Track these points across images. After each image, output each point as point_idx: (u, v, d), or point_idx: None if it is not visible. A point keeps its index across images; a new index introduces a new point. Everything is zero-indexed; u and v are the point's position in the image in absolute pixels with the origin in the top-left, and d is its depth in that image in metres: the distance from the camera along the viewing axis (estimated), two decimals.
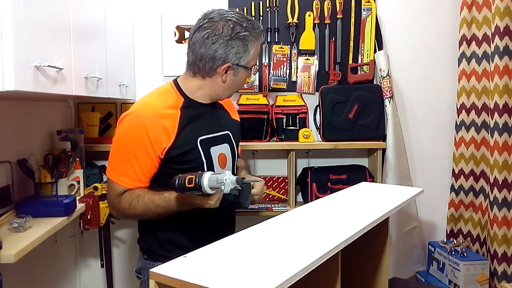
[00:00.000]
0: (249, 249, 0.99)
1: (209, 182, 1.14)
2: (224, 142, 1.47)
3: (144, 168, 1.32)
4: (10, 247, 1.25)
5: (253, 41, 1.37)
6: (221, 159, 1.44)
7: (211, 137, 1.42)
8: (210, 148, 1.40)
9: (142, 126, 1.30)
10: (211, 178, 1.14)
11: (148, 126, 1.30)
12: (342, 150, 2.45)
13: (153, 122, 1.30)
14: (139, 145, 1.30)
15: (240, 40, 1.33)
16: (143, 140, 1.29)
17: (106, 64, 1.87)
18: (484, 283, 2.29)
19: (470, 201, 2.54)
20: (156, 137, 1.30)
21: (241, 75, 1.41)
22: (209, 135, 1.41)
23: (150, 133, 1.29)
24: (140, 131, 1.30)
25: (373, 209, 1.36)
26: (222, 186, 1.13)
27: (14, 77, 1.05)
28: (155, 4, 2.43)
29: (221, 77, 1.37)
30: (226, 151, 1.47)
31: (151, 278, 0.86)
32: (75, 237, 2.37)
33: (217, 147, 1.43)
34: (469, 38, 2.46)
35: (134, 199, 1.30)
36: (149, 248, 1.44)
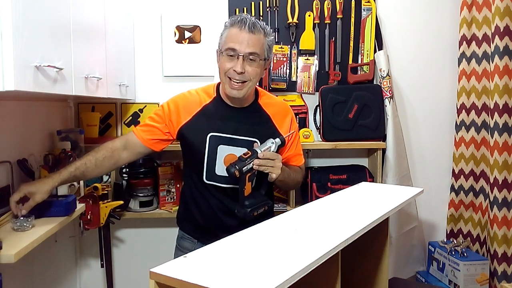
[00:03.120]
0: (249, 249, 0.99)
1: (261, 145, 1.43)
2: (243, 146, 1.51)
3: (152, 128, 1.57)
4: (10, 247, 1.25)
5: (228, 27, 1.48)
6: (229, 159, 1.48)
7: (226, 137, 1.51)
8: (219, 146, 1.51)
9: (167, 106, 1.58)
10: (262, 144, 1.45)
11: (172, 105, 1.57)
12: (342, 150, 2.46)
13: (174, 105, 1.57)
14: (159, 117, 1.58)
15: (222, 30, 1.52)
16: (169, 111, 1.56)
17: (106, 64, 1.87)
18: (484, 283, 2.29)
19: (470, 201, 2.54)
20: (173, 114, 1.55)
21: (220, 59, 1.51)
22: (223, 134, 1.52)
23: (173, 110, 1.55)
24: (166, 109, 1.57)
25: (373, 209, 1.36)
26: (272, 145, 1.42)
27: (14, 77, 1.05)
28: (155, 4, 2.43)
29: None
30: (239, 154, 1.49)
31: (151, 278, 0.86)
32: (75, 237, 2.37)
33: (229, 147, 1.51)
34: (469, 38, 2.47)
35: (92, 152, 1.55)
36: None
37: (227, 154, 1.51)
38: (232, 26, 1.46)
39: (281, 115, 1.63)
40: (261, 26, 1.47)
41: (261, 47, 1.47)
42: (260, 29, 1.46)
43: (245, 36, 1.43)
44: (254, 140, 1.52)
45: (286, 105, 1.71)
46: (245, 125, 1.54)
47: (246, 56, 1.44)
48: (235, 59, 1.44)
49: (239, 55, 1.44)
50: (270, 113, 1.60)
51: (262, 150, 1.40)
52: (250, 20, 1.45)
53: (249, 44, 1.44)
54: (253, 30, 1.44)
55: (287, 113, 1.66)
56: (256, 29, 1.45)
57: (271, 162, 1.41)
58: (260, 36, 1.46)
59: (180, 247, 1.68)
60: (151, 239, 2.48)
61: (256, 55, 1.46)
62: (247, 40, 1.43)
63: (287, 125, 1.64)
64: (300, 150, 1.71)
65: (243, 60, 1.44)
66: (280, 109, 1.65)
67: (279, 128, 1.60)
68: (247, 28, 1.43)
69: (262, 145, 1.43)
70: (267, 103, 1.62)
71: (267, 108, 1.61)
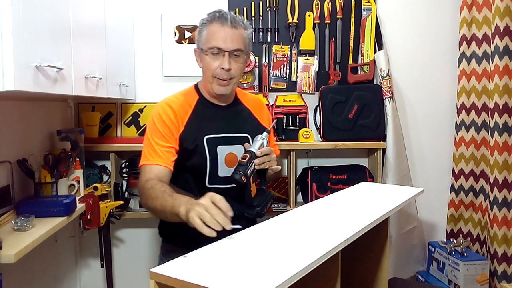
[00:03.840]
0: (249, 249, 0.99)
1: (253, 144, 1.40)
2: (239, 143, 1.51)
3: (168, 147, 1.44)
4: (10, 247, 1.25)
5: (206, 24, 1.45)
6: (229, 158, 1.49)
7: (221, 137, 1.50)
8: (217, 147, 1.49)
9: (159, 116, 1.46)
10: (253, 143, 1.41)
11: (163, 114, 1.46)
12: (342, 150, 2.46)
13: (168, 112, 1.47)
14: (163, 129, 1.45)
15: (199, 26, 1.48)
16: (164, 126, 1.45)
17: (106, 64, 1.87)
18: (484, 283, 2.29)
19: (470, 201, 2.54)
20: (172, 123, 1.46)
21: (203, 59, 1.47)
22: (218, 135, 1.50)
23: (167, 120, 1.45)
24: (160, 119, 1.46)
25: (373, 209, 1.36)
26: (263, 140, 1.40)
27: (14, 77, 1.05)
28: (155, 4, 2.43)
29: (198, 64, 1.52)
30: (238, 152, 1.50)
31: (151, 278, 0.86)
32: (75, 237, 2.37)
33: (226, 146, 1.50)
34: (469, 38, 2.47)
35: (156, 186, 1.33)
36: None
37: (226, 153, 1.50)
38: (212, 23, 1.43)
39: (258, 108, 1.66)
40: (240, 20, 1.45)
41: (243, 42, 1.45)
42: (240, 23, 1.44)
43: (228, 32, 1.41)
44: (246, 136, 1.54)
45: (259, 97, 1.79)
46: (234, 121, 1.55)
47: (231, 53, 1.42)
48: (221, 57, 1.42)
49: (225, 53, 1.42)
50: (249, 107, 1.62)
51: (257, 149, 1.39)
52: (230, 15, 1.42)
53: (233, 40, 1.42)
54: (235, 25, 1.42)
55: (262, 104, 1.71)
56: (237, 23, 1.43)
57: (268, 157, 1.40)
58: (241, 30, 1.44)
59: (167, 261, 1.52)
60: (151, 239, 2.48)
61: (241, 51, 1.44)
62: (231, 37, 1.41)
63: (266, 116, 1.68)
64: (275, 140, 1.76)
65: (229, 56, 1.42)
66: (256, 102, 1.68)
67: (260, 120, 1.63)
68: (229, 24, 1.41)
69: (254, 143, 1.42)
70: (244, 98, 1.64)
71: (246, 102, 1.62)
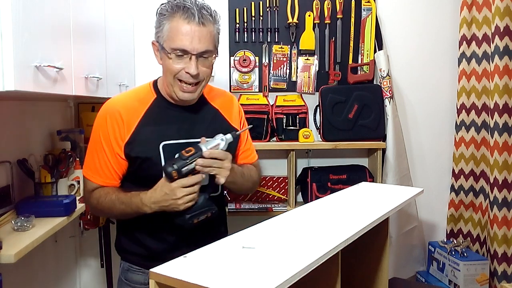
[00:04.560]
0: (249, 249, 0.99)
1: (207, 142, 1.19)
2: None
3: (113, 164, 1.27)
4: (10, 247, 1.25)
5: (168, 16, 1.21)
6: None
7: (181, 143, 1.27)
8: (176, 154, 1.24)
9: (103, 120, 1.28)
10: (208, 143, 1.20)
11: (108, 119, 1.27)
12: (342, 150, 2.46)
13: (114, 115, 1.26)
14: (105, 139, 1.27)
15: (159, 15, 1.24)
16: (106, 134, 1.27)
17: (106, 64, 1.87)
18: (484, 283, 2.29)
19: (470, 201, 2.54)
20: (115, 131, 1.26)
21: (164, 59, 1.24)
22: (177, 141, 1.28)
23: (110, 126, 1.26)
24: (104, 125, 1.27)
25: (373, 209, 1.36)
26: (221, 142, 1.21)
27: (14, 77, 1.05)
28: (155, 4, 2.41)
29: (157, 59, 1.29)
30: None
31: (151, 278, 0.86)
32: (75, 237, 2.37)
33: None
34: (469, 38, 2.47)
35: (102, 195, 1.27)
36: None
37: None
38: (175, 16, 1.19)
39: (227, 106, 1.43)
40: (208, 12, 1.22)
41: (213, 41, 1.23)
42: (209, 17, 1.21)
43: (195, 31, 1.18)
44: None
45: (228, 93, 1.51)
46: (198, 124, 1.33)
47: (199, 55, 1.21)
48: (186, 60, 1.20)
49: (191, 56, 1.20)
50: (217, 106, 1.40)
51: (208, 148, 1.19)
52: (196, 7, 1.19)
53: (201, 40, 1.19)
54: (203, 21, 1.19)
55: (232, 101, 1.46)
56: (206, 19, 1.20)
57: (219, 162, 1.19)
58: (210, 26, 1.21)
59: (127, 281, 1.38)
60: None
61: (210, 52, 1.23)
62: (198, 36, 1.19)
63: (236, 115, 1.45)
64: (251, 144, 1.50)
65: (196, 59, 1.20)
66: (225, 99, 1.45)
67: (229, 120, 1.41)
68: (196, 20, 1.18)
69: (210, 142, 1.22)
70: (211, 94, 1.40)
71: (212, 100, 1.40)
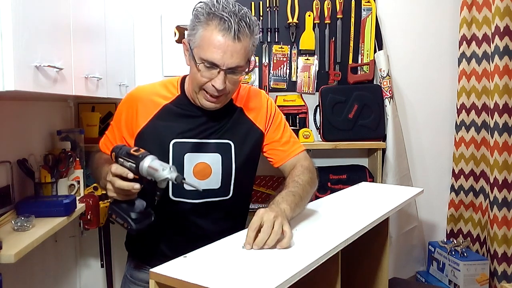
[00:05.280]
0: (249, 249, 0.99)
1: (151, 161, 1.01)
2: (216, 151, 1.25)
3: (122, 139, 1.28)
4: (10, 247, 1.25)
5: (203, 23, 1.11)
6: (200, 169, 1.23)
7: (191, 143, 1.23)
8: (185, 154, 1.22)
9: (123, 105, 1.29)
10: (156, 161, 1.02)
11: (126, 106, 1.28)
12: (342, 150, 2.45)
13: (132, 104, 1.26)
14: (116, 122, 1.29)
15: (194, 18, 1.14)
16: (119, 119, 1.28)
17: (106, 64, 1.87)
18: (484, 283, 2.29)
19: (470, 201, 2.54)
20: (127, 120, 1.26)
21: (192, 66, 1.17)
22: (188, 140, 1.23)
23: (124, 114, 1.27)
24: (121, 110, 1.29)
25: (373, 209, 1.36)
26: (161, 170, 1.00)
27: (14, 77, 1.05)
28: (155, 4, 2.43)
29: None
30: (213, 161, 1.24)
31: (151, 278, 0.86)
32: (75, 237, 2.37)
33: (197, 154, 1.23)
34: (469, 38, 2.46)
35: (97, 158, 1.30)
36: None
37: (196, 163, 1.22)
38: (210, 25, 1.11)
39: (252, 103, 1.33)
40: (247, 24, 1.12)
41: (246, 56, 1.15)
42: (246, 31, 1.12)
43: (229, 45, 1.10)
44: (228, 143, 1.26)
45: (254, 88, 1.39)
46: (215, 124, 1.26)
47: (228, 70, 1.13)
48: (215, 72, 1.13)
49: (220, 70, 1.13)
50: (241, 104, 1.31)
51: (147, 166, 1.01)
52: (234, 23, 1.09)
53: (233, 55, 1.11)
54: (240, 36, 1.10)
55: (258, 96, 1.35)
56: (243, 33, 1.11)
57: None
58: (246, 41, 1.13)
59: (133, 279, 1.35)
60: None
61: (241, 67, 1.15)
62: (231, 51, 1.11)
63: (264, 111, 1.33)
64: (290, 135, 1.37)
65: (225, 74, 1.13)
66: (250, 96, 1.34)
67: (254, 120, 1.31)
68: (232, 35, 1.09)
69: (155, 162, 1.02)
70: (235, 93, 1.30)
71: (237, 98, 1.31)
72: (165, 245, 1.29)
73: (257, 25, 1.16)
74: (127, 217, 1.08)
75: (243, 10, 1.13)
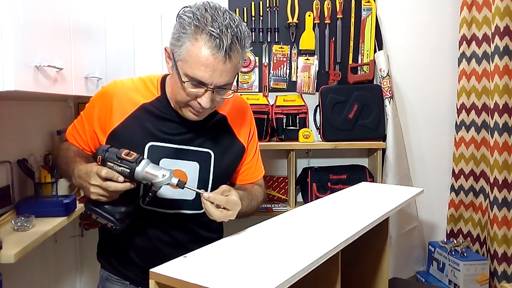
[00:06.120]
0: (249, 249, 0.99)
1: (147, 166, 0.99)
2: (195, 159, 1.17)
3: (88, 139, 1.20)
4: (10, 247, 1.25)
5: (190, 35, 1.01)
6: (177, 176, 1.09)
7: (169, 148, 1.15)
8: (161, 160, 1.14)
9: (97, 98, 1.20)
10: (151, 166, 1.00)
11: (100, 101, 1.19)
12: (342, 150, 2.45)
13: (106, 100, 1.17)
14: (88, 115, 1.20)
15: (179, 27, 1.04)
16: (91, 113, 1.19)
17: (106, 64, 1.87)
18: (484, 283, 2.29)
19: (470, 201, 2.54)
20: (100, 116, 1.16)
21: (176, 80, 1.07)
22: (166, 144, 1.15)
23: (97, 108, 1.18)
24: (94, 103, 1.20)
25: (373, 209, 1.36)
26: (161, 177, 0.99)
27: (14, 77, 1.05)
28: (155, 4, 2.43)
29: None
30: (190, 170, 1.17)
31: (151, 278, 0.86)
32: (75, 237, 2.37)
33: (174, 161, 1.15)
34: (469, 38, 2.47)
35: (65, 149, 1.21)
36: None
37: (172, 170, 1.06)
38: (198, 40, 1.00)
39: (237, 113, 1.26)
40: (239, 39, 1.01)
41: (235, 72, 1.07)
42: (238, 48, 1.02)
43: (219, 64, 1.00)
44: (208, 151, 1.18)
45: (241, 98, 1.32)
46: (196, 131, 1.17)
47: (216, 88, 1.05)
48: (201, 90, 1.05)
49: (208, 89, 1.04)
50: (224, 113, 1.23)
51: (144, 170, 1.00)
52: (226, 40, 0.99)
53: (223, 75, 1.02)
54: (231, 54, 1.00)
55: (243, 108, 1.28)
56: (234, 51, 1.01)
57: (226, 211, 1.03)
58: (237, 58, 1.03)
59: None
60: None
61: (229, 85, 1.07)
62: (221, 70, 1.01)
63: (247, 126, 1.28)
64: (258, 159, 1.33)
65: (212, 92, 1.05)
66: (236, 105, 1.26)
67: (236, 132, 1.25)
68: (222, 54, 0.99)
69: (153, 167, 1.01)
70: None
71: (220, 108, 1.21)
72: (135, 253, 1.22)
73: (248, 36, 1.06)
74: (111, 218, 1.04)
75: (235, 22, 1.02)
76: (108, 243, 1.27)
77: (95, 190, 0.99)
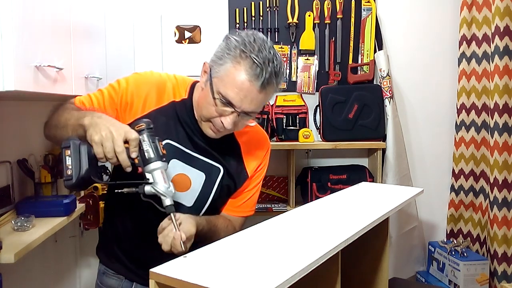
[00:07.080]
0: (249, 249, 0.99)
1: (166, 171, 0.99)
2: (203, 170, 1.20)
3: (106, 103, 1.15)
4: (10, 247, 1.25)
5: (234, 57, 1.05)
6: (181, 179, 1.17)
7: (183, 151, 1.17)
8: (172, 159, 1.16)
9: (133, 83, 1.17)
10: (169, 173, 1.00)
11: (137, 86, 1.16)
12: (342, 150, 2.46)
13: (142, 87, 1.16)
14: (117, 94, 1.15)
15: (225, 45, 1.09)
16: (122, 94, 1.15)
17: (106, 64, 1.87)
18: (484, 283, 2.29)
19: (470, 201, 2.54)
20: (133, 100, 1.15)
21: (207, 95, 1.10)
22: (181, 146, 1.17)
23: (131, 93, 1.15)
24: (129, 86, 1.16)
25: (373, 209, 1.36)
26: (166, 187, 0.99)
27: (14, 77, 1.05)
28: (155, 4, 2.43)
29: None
30: (195, 178, 1.19)
31: (151, 278, 0.86)
32: (75, 237, 2.37)
33: (182, 164, 1.17)
34: (469, 38, 2.47)
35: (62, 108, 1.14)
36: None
37: (178, 173, 1.16)
38: (240, 64, 1.05)
39: (253, 145, 1.29)
40: (277, 75, 1.08)
41: (263, 103, 1.13)
42: (273, 82, 1.08)
43: (253, 91, 1.05)
44: (218, 167, 1.21)
45: (264, 134, 1.34)
46: (209, 145, 1.20)
47: (242, 113, 1.09)
48: (228, 111, 1.08)
49: (235, 111, 1.08)
50: (241, 142, 1.27)
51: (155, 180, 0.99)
52: (266, 71, 1.04)
53: (253, 102, 1.07)
54: (266, 87, 1.06)
55: (263, 144, 1.31)
56: (270, 84, 1.07)
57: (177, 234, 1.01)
58: (270, 92, 1.09)
59: (102, 285, 1.32)
60: None
61: (254, 113, 1.12)
62: (252, 98, 1.06)
63: (258, 161, 1.30)
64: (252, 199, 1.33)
65: (238, 116, 1.09)
66: (255, 138, 1.30)
67: (245, 163, 1.27)
68: (259, 84, 1.04)
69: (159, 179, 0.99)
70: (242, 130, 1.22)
71: (240, 135, 1.26)
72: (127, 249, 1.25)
73: (283, 76, 1.13)
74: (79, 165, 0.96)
75: (277, 59, 1.08)
76: (111, 240, 1.30)
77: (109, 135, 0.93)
